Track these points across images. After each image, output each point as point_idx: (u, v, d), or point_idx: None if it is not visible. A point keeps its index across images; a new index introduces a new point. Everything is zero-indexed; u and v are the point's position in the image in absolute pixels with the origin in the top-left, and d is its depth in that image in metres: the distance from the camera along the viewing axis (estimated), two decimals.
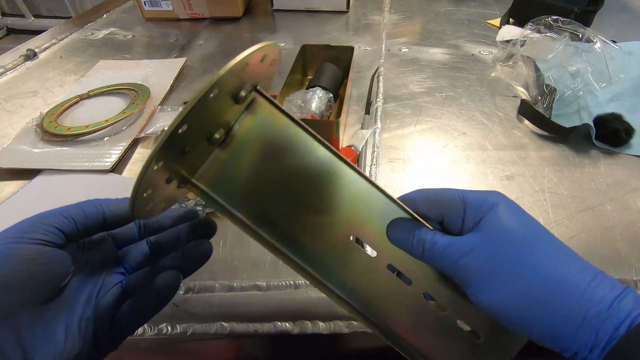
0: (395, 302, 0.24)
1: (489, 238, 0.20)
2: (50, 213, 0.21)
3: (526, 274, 0.19)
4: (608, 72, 0.54)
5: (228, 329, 0.31)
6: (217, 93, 0.18)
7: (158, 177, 0.19)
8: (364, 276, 0.24)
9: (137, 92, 0.56)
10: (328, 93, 0.49)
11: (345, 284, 0.24)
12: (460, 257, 0.20)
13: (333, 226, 0.24)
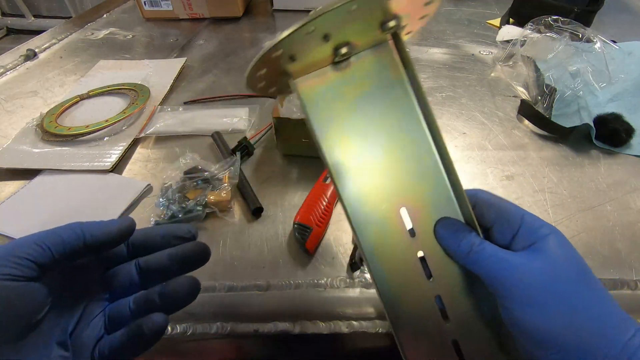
0: (407, 289, 0.24)
1: (550, 261, 0.20)
2: (24, 242, 0.20)
3: (581, 309, 0.20)
4: (608, 72, 0.54)
5: (228, 329, 0.31)
6: (358, 7, 0.19)
7: (275, 61, 0.21)
8: (392, 250, 0.24)
9: (137, 92, 0.56)
10: None
11: (372, 246, 0.24)
12: (514, 269, 0.21)
13: (391, 190, 0.24)
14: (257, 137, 0.49)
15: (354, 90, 0.24)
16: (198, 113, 0.54)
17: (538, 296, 0.20)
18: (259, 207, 0.39)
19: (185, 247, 0.25)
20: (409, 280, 0.24)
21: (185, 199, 0.39)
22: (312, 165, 0.45)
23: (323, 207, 0.37)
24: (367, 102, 0.24)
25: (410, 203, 0.24)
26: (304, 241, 0.35)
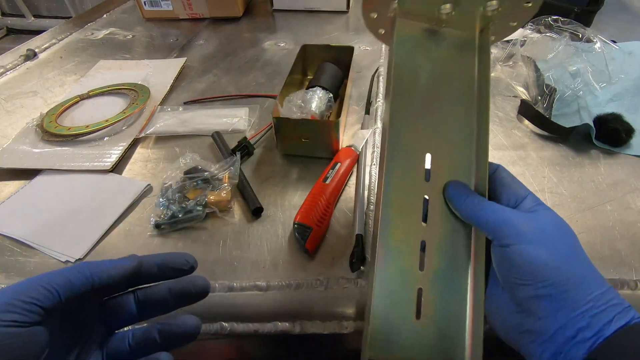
0: (403, 221, 0.27)
1: (546, 221, 0.24)
2: (32, 284, 0.20)
3: (571, 258, 0.23)
4: (608, 72, 0.54)
5: (228, 329, 0.31)
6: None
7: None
8: (406, 181, 0.28)
9: (137, 92, 0.56)
10: (328, 93, 0.49)
11: (393, 171, 0.28)
12: (515, 216, 0.24)
13: (428, 135, 0.28)
14: (257, 137, 0.49)
15: (435, 48, 0.30)
16: (198, 113, 0.54)
17: (537, 238, 0.23)
18: (259, 207, 0.39)
19: (186, 283, 0.26)
20: (408, 213, 0.27)
21: (185, 199, 0.39)
22: (312, 165, 0.45)
23: (323, 207, 0.37)
24: (440, 62, 0.30)
25: (437, 153, 0.28)
26: (304, 241, 0.35)
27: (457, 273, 0.26)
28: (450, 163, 0.28)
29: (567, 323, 0.22)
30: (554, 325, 0.22)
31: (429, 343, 0.25)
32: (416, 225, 0.27)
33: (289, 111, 0.45)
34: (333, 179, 0.40)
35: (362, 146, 0.45)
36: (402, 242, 0.27)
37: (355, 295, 0.33)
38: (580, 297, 0.22)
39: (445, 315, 0.26)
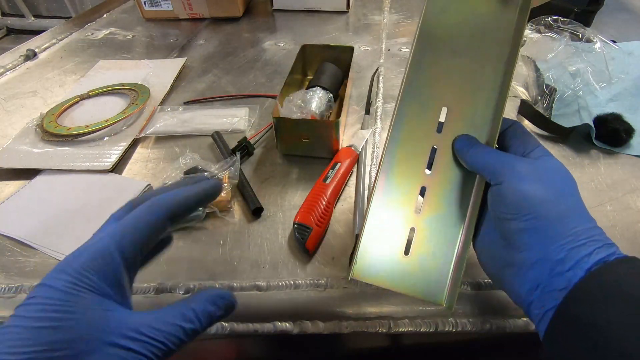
0: (407, 163, 0.29)
1: (545, 165, 0.25)
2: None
3: (562, 198, 0.23)
4: (608, 72, 0.54)
5: (228, 329, 0.31)
6: None
7: None
8: (417, 128, 0.29)
9: (137, 92, 0.56)
10: (328, 93, 0.49)
11: (405, 116, 0.29)
12: (513, 159, 0.25)
13: (447, 88, 0.29)
14: (257, 137, 0.49)
15: (472, 2, 0.30)
16: (198, 113, 0.54)
17: (531, 176, 0.24)
18: (259, 207, 0.39)
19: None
20: (413, 157, 0.29)
21: None
22: (312, 165, 0.45)
23: (323, 207, 0.37)
24: (476, 16, 0.29)
25: (454, 107, 0.29)
26: (304, 241, 0.35)
27: (452, 221, 0.28)
28: (465, 119, 0.29)
29: (545, 255, 0.22)
30: (533, 257, 0.23)
31: (411, 279, 0.27)
32: (419, 170, 0.29)
33: (289, 111, 0.45)
34: (333, 179, 0.40)
35: (362, 146, 0.46)
36: (402, 183, 0.29)
37: (356, 295, 0.33)
38: (562, 231, 0.22)
39: (432, 257, 0.28)
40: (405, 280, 0.27)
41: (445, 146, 0.29)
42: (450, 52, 0.30)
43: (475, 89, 0.29)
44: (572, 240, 0.22)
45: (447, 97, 0.29)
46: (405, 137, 0.29)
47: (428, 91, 0.30)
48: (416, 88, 0.30)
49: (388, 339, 0.32)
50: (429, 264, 0.27)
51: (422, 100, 0.29)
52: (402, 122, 0.29)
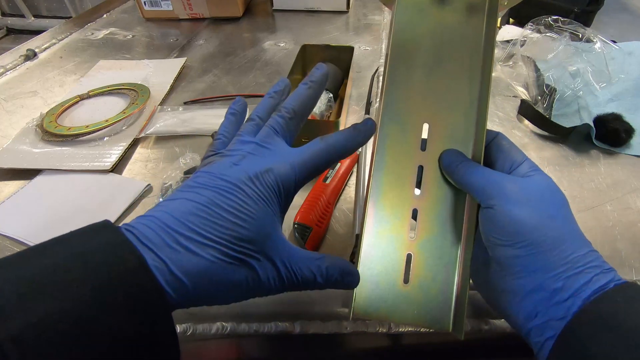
0: (395, 188, 0.28)
1: (536, 185, 0.24)
2: None
3: (555, 219, 0.23)
4: (608, 72, 0.54)
5: (228, 329, 0.31)
6: None
7: None
8: (400, 149, 0.28)
9: (137, 92, 0.56)
10: (328, 93, 0.49)
11: (387, 137, 0.28)
12: (505, 179, 0.25)
13: (426, 104, 0.28)
14: None
15: (440, 13, 0.29)
16: (198, 113, 0.54)
17: (521, 199, 0.23)
18: None
19: None
20: (400, 180, 0.28)
21: None
22: None
23: (323, 207, 0.37)
24: (444, 27, 0.29)
25: (435, 122, 0.28)
26: (304, 241, 0.35)
27: (448, 241, 0.27)
28: (448, 133, 0.28)
29: (542, 284, 0.22)
30: (529, 285, 0.22)
31: (414, 307, 0.26)
32: (408, 193, 0.28)
33: None
34: (333, 179, 0.40)
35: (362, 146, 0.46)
36: (393, 208, 0.28)
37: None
38: (557, 259, 0.22)
39: (432, 282, 0.26)
40: (408, 310, 0.26)
41: (432, 163, 0.28)
42: (423, 66, 0.29)
43: (454, 101, 0.28)
44: (569, 268, 0.22)
45: (427, 113, 0.28)
46: (390, 159, 0.28)
47: (407, 108, 0.29)
48: (394, 106, 0.29)
49: (388, 339, 0.32)
50: (430, 290, 0.26)
51: (402, 118, 0.28)
52: (384, 145, 0.28)
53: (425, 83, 0.29)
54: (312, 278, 0.23)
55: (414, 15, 0.30)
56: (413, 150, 0.28)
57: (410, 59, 0.29)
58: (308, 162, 0.24)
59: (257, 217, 0.21)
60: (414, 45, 0.29)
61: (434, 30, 0.29)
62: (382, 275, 0.27)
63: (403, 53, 0.29)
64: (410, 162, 0.28)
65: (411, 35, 0.29)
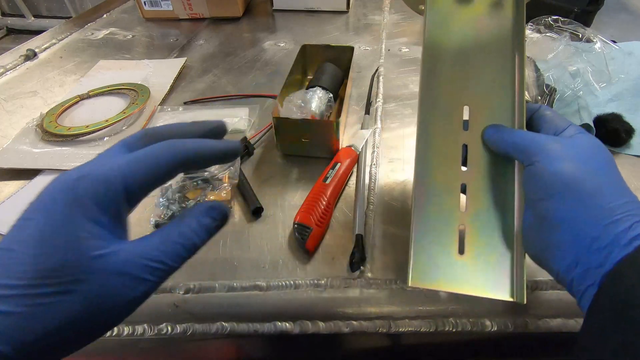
0: (442, 168, 0.30)
1: (582, 142, 0.26)
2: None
3: (598, 175, 0.24)
4: (608, 72, 0.54)
5: (228, 329, 0.31)
6: None
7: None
8: (443, 130, 0.30)
9: (137, 92, 0.56)
10: (328, 93, 0.49)
11: (427, 123, 0.31)
12: (548, 139, 0.26)
13: (466, 89, 0.31)
14: (257, 137, 0.49)
15: (466, 12, 0.32)
16: (198, 113, 0.54)
17: (562, 154, 0.24)
18: (259, 207, 0.39)
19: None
20: (447, 158, 0.30)
21: (185, 199, 0.39)
22: (312, 165, 0.45)
23: (323, 207, 0.37)
24: (472, 24, 0.32)
25: (475, 104, 0.30)
26: (304, 241, 0.35)
27: (500, 211, 0.28)
28: (488, 112, 0.30)
29: (580, 233, 0.22)
30: (569, 235, 0.23)
31: (472, 277, 0.27)
32: (456, 170, 0.29)
33: (289, 111, 0.45)
34: (333, 179, 0.40)
35: (362, 146, 0.46)
36: (442, 185, 0.29)
37: (356, 295, 0.33)
38: (595, 208, 0.22)
39: (488, 252, 0.27)
40: (465, 280, 0.27)
41: (476, 141, 0.30)
42: (457, 57, 0.31)
43: (491, 83, 0.30)
44: (606, 216, 0.22)
45: (466, 97, 0.31)
46: (434, 140, 0.30)
47: (445, 95, 0.31)
48: (433, 93, 0.31)
49: (388, 339, 0.32)
50: (487, 260, 0.27)
51: (442, 103, 0.31)
52: (427, 127, 0.31)
53: (461, 72, 0.31)
54: (181, 248, 0.21)
55: (443, 17, 0.33)
56: (456, 130, 0.30)
57: (446, 48, 0.32)
58: (143, 165, 0.21)
59: (61, 236, 0.17)
60: (447, 42, 0.32)
61: (463, 27, 0.32)
62: (437, 247, 0.28)
63: (436, 49, 0.32)
64: (455, 141, 0.30)
65: (443, 33, 0.32)
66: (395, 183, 0.43)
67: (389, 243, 0.36)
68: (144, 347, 0.32)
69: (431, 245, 0.28)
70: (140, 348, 0.32)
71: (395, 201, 0.40)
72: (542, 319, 0.30)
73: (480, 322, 0.30)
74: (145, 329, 0.31)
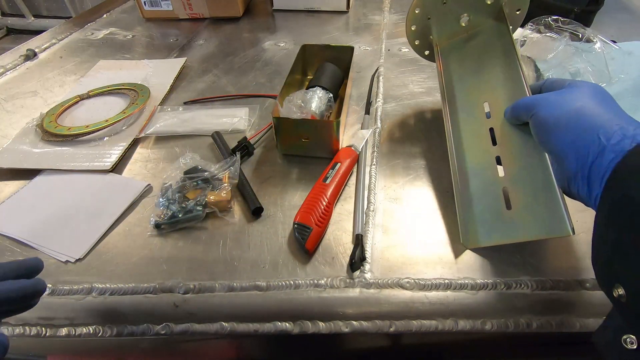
0: (476, 150, 0.38)
1: (575, 87, 0.30)
2: None
3: (591, 108, 0.28)
4: (608, 72, 0.54)
5: (228, 329, 0.31)
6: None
7: (419, 18, 0.47)
8: (473, 121, 0.40)
9: (137, 92, 0.56)
10: (328, 93, 0.49)
11: (459, 120, 0.41)
12: (551, 94, 0.31)
13: (483, 92, 0.41)
14: (257, 137, 0.49)
15: (471, 43, 0.46)
16: (198, 113, 0.54)
17: (555, 101, 0.29)
18: (259, 207, 0.39)
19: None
20: (479, 139, 0.38)
21: (185, 199, 0.39)
22: (312, 165, 0.45)
23: (323, 207, 0.37)
24: (478, 47, 0.45)
25: (492, 100, 0.39)
26: (304, 241, 0.35)
27: (534, 167, 0.32)
28: (502, 101, 0.38)
29: (578, 155, 0.26)
30: (572, 159, 0.26)
31: (525, 225, 0.30)
32: (489, 147, 0.36)
33: (289, 111, 0.45)
34: (333, 179, 0.40)
35: (362, 146, 0.45)
36: (480, 163, 0.36)
37: (356, 295, 0.33)
38: (593, 130, 0.26)
39: (535, 200, 0.31)
40: (519, 229, 0.31)
41: (499, 123, 0.37)
42: (470, 71, 0.43)
43: (500, 84, 0.39)
44: (605, 132, 0.25)
45: (484, 96, 0.40)
46: (466, 134, 0.39)
47: (468, 98, 0.42)
48: (459, 98, 0.42)
49: (388, 339, 0.32)
50: (535, 207, 0.30)
51: (467, 103, 0.41)
52: (459, 123, 0.40)
53: (476, 80, 0.42)
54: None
55: (453, 51, 0.46)
56: (482, 120, 0.39)
57: (461, 71, 0.44)
58: None
59: None
60: (461, 64, 0.44)
61: (471, 52, 0.45)
62: (486, 210, 0.33)
63: (453, 70, 0.44)
64: (483, 127, 0.38)
65: (455, 61, 0.45)
66: (395, 183, 0.43)
67: (389, 243, 0.36)
68: (144, 347, 0.32)
69: (481, 210, 0.34)
70: (140, 348, 0.32)
71: (395, 201, 0.40)
72: (542, 319, 0.30)
73: (480, 322, 0.30)
74: (145, 329, 0.31)
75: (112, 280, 0.34)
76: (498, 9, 0.44)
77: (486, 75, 0.41)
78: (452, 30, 0.46)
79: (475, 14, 0.45)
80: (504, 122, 0.36)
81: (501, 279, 0.32)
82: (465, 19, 0.46)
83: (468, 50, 0.44)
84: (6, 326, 0.31)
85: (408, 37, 0.49)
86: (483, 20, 0.45)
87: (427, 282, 0.32)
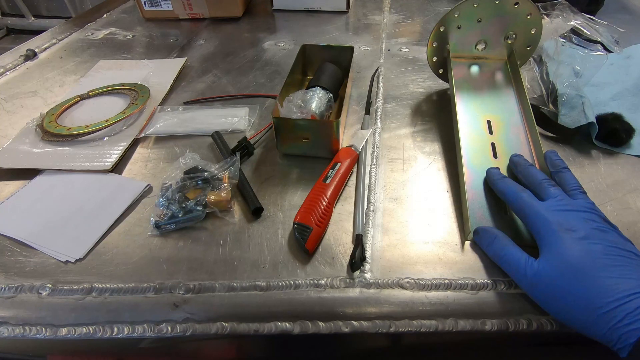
0: (480, 161, 0.42)
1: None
2: None
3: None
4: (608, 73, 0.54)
5: (228, 329, 0.31)
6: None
7: (441, 36, 0.53)
8: (477, 136, 0.45)
9: (137, 92, 0.56)
10: (328, 93, 0.49)
11: (466, 134, 0.45)
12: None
13: (485, 111, 0.47)
14: (257, 137, 0.49)
15: (479, 73, 0.53)
16: (198, 113, 0.54)
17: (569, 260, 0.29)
18: (259, 207, 0.39)
19: None
20: (482, 152, 0.43)
21: (185, 199, 0.39)
22: (312, 165, 0.45)
23: (323, 207, 0.37)
24: (485, 77, 0.52)
25: (493, 117, 0.46)
26: (304, 241, 0.35)
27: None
28: (503, 122, 0.46)
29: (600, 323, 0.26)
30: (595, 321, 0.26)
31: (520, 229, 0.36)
32: (490, 159, 0.42)
33: (289, 111, 0.45)
34: (333, 179, 0.40)
35: (362, 146, 0.45)
36: (482, 169, 0.40)
37: (356, 295, 0.33)
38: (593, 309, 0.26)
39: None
40: (517, 227, 0.37)
41: (500, 141, 0.44)
42: (476, 93, 0.50)
43: (500, 106, 0.48)
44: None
45: (487, 114, 0.47)
46: (471, 142, 0.44)
47: (473, 113, 0.47)
48: (465, 114, 0.47)
49: (388, 339, 0.32)
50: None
51: (472, 119, 0.46)
52: (465, 138, 0.44)
53: (481, 101, 0.49)
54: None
55: (464, 80, 0.52)
56: (485, 134, 0.45)
57: (468, 91, 0.50)
58: None
59: None
60: (469, 85, 0.51)
61: (479, 79, 0.52)
62: (488, 210, 0.38)
63: (461, 92, 0.50)
64: (486, 141, 0.44)
65: (464, 85, 0.51)
66: (395, 183, 0.43)
67: (389, 243, 0.36)
68: (143, 347, 0.32)
69: (484, 209, 0.38)
70: (140, 348, 0.32)
71: (395, 201, 0.40)
72: (542, 319, 0.30)
73: (480, 322, 0.30)
74: (145, 329, 0.31)
75: (112, 280, 0.34)
76: (509, 48, 0.52)
77: (489, 97, 0.49)
78: (466, 49, 0.53)
79: (491, 46, 0.53)
80: (503, 142, 0.44)
81: (501, 279, 0.32)
82: (481, 46, 0.53)
83: (477, 78, 0.52)
84: (6, 326, 0.31)
85: (427, 54, 0.54)
86: (497, 52, 0.53)
87: (427, 282, 0.32)
